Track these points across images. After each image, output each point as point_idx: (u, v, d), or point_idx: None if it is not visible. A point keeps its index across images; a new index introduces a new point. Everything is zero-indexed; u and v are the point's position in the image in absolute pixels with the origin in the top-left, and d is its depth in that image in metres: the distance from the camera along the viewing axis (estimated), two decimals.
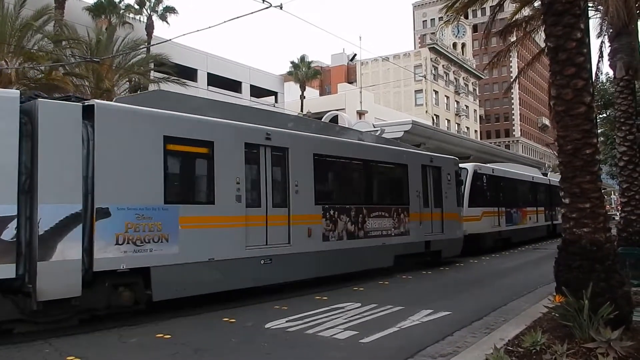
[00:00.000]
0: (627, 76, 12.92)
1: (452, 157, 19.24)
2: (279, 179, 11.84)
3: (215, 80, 39.78)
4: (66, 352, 7.00)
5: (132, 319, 8.88)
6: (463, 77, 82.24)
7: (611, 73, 14.71)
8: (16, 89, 12.89)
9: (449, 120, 75.50)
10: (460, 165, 19.97)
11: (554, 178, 33.10)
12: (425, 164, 16.69)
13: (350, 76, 73.10)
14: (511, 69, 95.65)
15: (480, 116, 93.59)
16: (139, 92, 26.76)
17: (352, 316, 9.11)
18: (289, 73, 51.01)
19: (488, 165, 23.97)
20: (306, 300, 10.84)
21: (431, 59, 72.85)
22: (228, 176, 10.49)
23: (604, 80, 26.40)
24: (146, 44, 29.10)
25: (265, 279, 11.17)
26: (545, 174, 33.68)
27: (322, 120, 18.64)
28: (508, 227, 23.70)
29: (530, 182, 29.02)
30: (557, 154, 7.46)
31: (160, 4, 34.75)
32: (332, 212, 12.77)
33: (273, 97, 46.63)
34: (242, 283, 10.73)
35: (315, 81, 57.03)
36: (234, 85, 41.98)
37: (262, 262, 10.94)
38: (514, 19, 16.84)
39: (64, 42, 23.64)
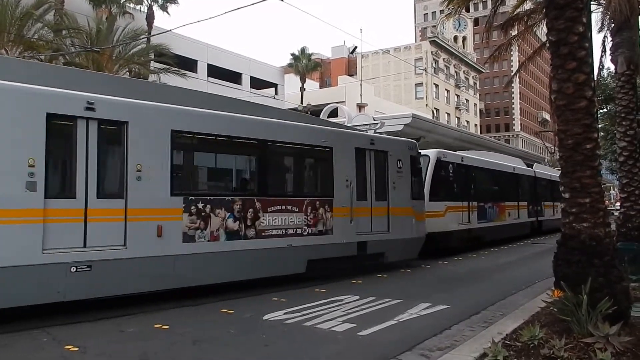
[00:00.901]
0: (629, 71, 12.89)
1: (407, 139, 16.26)
2: (111, 161, 9.31)
3: (215, 72, 39.71)
4: (64, 340, 7.01)
5: (131, 308, 8.88)
6: (464, 71, 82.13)
7: (612, 68, 14.64)
8: None
9: (449, 114, 75.47)
10: (421, 151, 17.28)
11: (541, 170, 31.40)
12: (362, 147, 13.63)
13: (350, 69, 72.93)
14: (512, 63, 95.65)
15: (480, 110, 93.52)
16: None
17: (350, 309, 9.12)
18: (290, 65, 50.93)
19: (458, 152, 20.84)
20: (305, 292, 10.84)
21: (432, 52, 72.72)
22: (11, 157, 7.98)
23: (605, 75, 26.33)
24: (146, 34, 29.00)
25: (78, 292, 8.50)
26: (530, 165, 30.67)
27: (322, 112, 18.25)
28: (481, 224, 20.86)
29: (510, 174, 25.94)
30: (557, 148, 7.44)
31: None
32: (201, 205, 10.10)
33: (273, 89, 46.53)
34: (32, 298, 8.10)
35: (315, 73, 56.96)
36: (234, 77, 41.92)
37: (74, 269, 8.34)
38: (515, 13, 16.77)
39: (64, 32, 23.59)
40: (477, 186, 21.20)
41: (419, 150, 16.35)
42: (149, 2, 34.32)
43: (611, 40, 13.38)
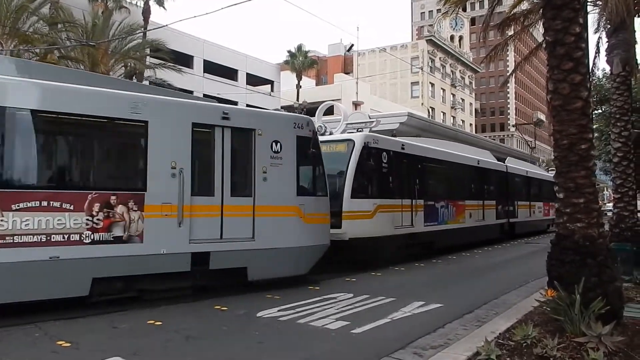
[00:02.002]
0: (624, 72, 12.93)
1: (295, 114, 14.15)
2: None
3: (211, 68, 39.61)
4: (56, 336, 6.98)
5: (124, 305, 8.85)
6: (460, 70, 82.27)
7: (608, 69, 14.69)
8: None
9: (444, 113, 75.59)
10: (344, 134, 14.98)
11: (514, 165, 28.22)
12: (206, 123, 10.27)
13: (347, 67, 72.96)
14: (508, 63, 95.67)
15: (475, 109, 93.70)
16: (134, 77, 26.73)
17: (344, 306, 9.12)
18: (286, 62, 50.88)
19: (399, 138, 17.55)
20: (299, 290, 10.84)
21: (428, 51, 72.77)
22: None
23: (600, 76, 26.42)
24: (142, 29, 28.88)
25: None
26: (502, 160, 27.07)
27: (318, 110, 18.05)
28: (429, 227, 17.23)
29: (473, 168, 22.04)
30: (552, 148, 7.47)
31: None
32: None
33: (269, 85, 46.47)
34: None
35: (311, 71, 56.99)
36: (230, 73, 41.82)
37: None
38: (512, 13, 16.78)
39: (59, 25, 23.46)
40: (424, 181, 17.53)
41: (320, 130, 14.14)
42: None
43: (607, 42, 13.41)
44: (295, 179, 11.31)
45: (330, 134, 15.40)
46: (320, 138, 13.11)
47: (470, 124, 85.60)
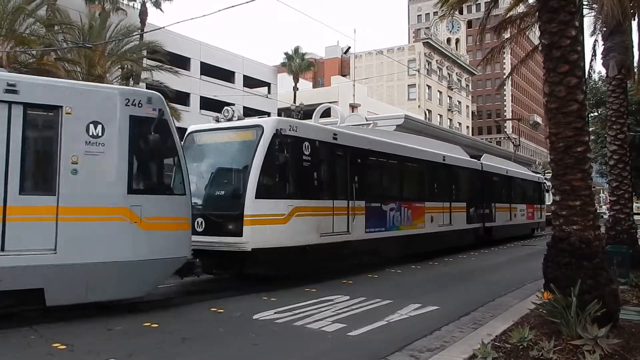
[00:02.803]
0: (620, 75, 12.96)
1: (118, 87, 12.47)
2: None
3: (208, 70, 39.61)
4: (51, 339, 6.95)
5: (119, 307, 8.82)
6: (456, 73, 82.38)
7: (604, 72, 14.72)
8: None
9: (441, 116, 75.67)
10: (252, 119, 12.45)
11: (492, 163, 25.00)
12: None
13: (343, 69, 72.97)
14: (504, 66, 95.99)
15: (472, 112, 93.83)
16: (130, 79, 26.69)
17: (340, 309, 9.11)
18: (283, 64, 50.86)
19: (331, 126, 14.95)
20: (295, 292, 10.82)
21: (425, 53, 72.87)
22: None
23: (596, 79, 26.51)
24: (139, 30, 28.85)
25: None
26: (476, 157, 23.79)
27: (315, 112, 17.81)
28: (374, 233, 14.33)
29: (437, 165, 18.89)
30: (548, 151, 7.48)
31: None
32: None
33: (266, 88, 46.48)
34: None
35: (308, 73, 56.92)
36: (227, 75, 41.82)
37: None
38: (508, 16, 16.83)
39: (56, 27, 23.42)
40: (367, 178, 14.54)
41: (226, 114, 12.10)
42: None
43: (603, 44, 13.46)
44: (125, 173, 8.54)
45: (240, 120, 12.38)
46: (222, 125, 11.91)
47: (467, 127, 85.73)
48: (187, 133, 12.64)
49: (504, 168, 26.39)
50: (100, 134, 8.32)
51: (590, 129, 25.11)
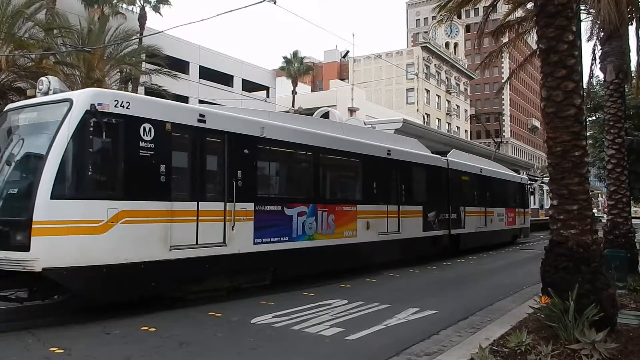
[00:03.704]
0: (617, 79, 12.98)
1: None
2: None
3: (207, 74, 39.61)
4: (49, 342, 6.94)
5: (117, 310, 8.81)
6: (455, 77, 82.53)
7: (602, 76, 14.76)
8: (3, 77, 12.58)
9: (439, 120, 75.77)
10: (62, 94, 9.06)
11: (460, 160, 21.32)
12: None
13: (342, 73, 73.06)
14: (502, 70, 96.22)
15: (470, 116, 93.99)
16: (129, 83, 26.71)
17: (338, 313, 9.10)
18: (281, 68, 50.94)
19: (201, 106, 13.33)
20: (293, 296, 10.82)
21: (423, 57, 73.00)
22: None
23: (595, 83, 26.56)
24: (138, 34, 28.88)
25: None
26: (441, 153, 20.27)
27: (313, 116, 16.91)
28: (269, 244, 11.38)
29: (376, 160, 15.38)
30: (546, 155, 7.50)
31: None
32: None
33: (265, 92, 46.51)
34: None
35: (307, 77, 57.03)
36: (225, 79, 41.82)
37: None
38: (506, 20, 16.87)
39: (55, 31, 23.40)
40: (257, 174, 11.64)
41: (40, 87, 9.37)
42: (142, 2, 34.19)
43: (600, 49, 13.49)
44: None
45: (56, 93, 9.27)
46: (30, 101, 9.51)
47: (466, 130, 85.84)
48: (3, 111, 10.11)
49: (477, 167, 22.86)
50: None
51: (588, 133, 25.15)
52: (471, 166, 22.25)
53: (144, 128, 9.09)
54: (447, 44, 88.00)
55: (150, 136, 9.16)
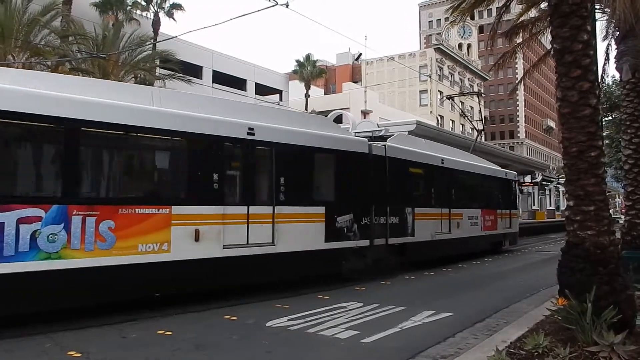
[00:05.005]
0: (634, 79, 12.83)
1: None
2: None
3: (220, 78, 39.82)
4: (67, 346, 7.00)
5: (134, 314, 8.88)
6: (468, 78, 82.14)
7: (617, 76, 14.59)
8: None
9: (453, 121, 75.41)
10: None
11: (410, 148, 16.50)
12: None
13: (355, 75, 73.12)
14: (516, 71, 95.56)
15: (485, 117, 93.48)
16: None
17: (353, 316, 9.09)
18: (294, 71, 51.07)
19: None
20: (308, 299, 10.82)
21: (436, 59, 72.77)
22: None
23: (610, 83, 26.30)
24: (152, 40, 29.14)
25: None
26: (373, 137, 15.81)
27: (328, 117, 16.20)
28: None
29: (203, 140, 10.31)
30: (561, 156, 7.44)
31: (167, 1, 34.70)
32: None
33: (278, 95, 46.66)
34: None
35: (320, 80, 57.07)
36: (239, 83, 42.02)
37: None
38: (520, 20, 16.76)
39: (70, 38, 23.74)
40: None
41: None
42: (155, 8, 34.49)
43: (616, 48, 13.35)
44: None
45: None
46: None
47: None
48: None
49: (436, 156, 17.81)
50: None
51: (605, 134, 24.88)
52: (427, 155, 17.23)
53: None
54: (460, 45, 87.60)
55: None
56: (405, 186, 16.09)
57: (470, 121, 33.48)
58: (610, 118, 28.15)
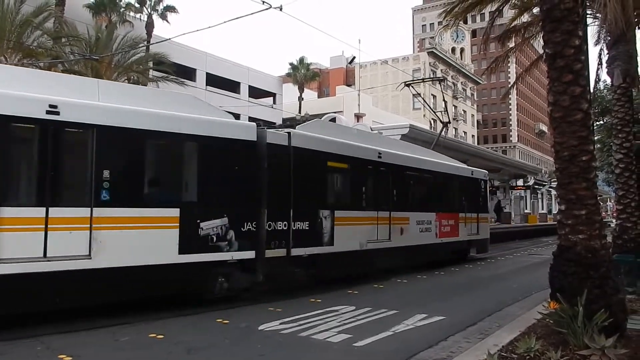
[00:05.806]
0: (625, 84, 12.94)
1: None
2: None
3: (213, 80, 39.77)
4: (58, 350, 6.96)
5: (126, 317, 8.84)
6: (461, 82, 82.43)
7: (609, 80, 14.70)
8: None
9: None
10: None
11: (323, 135, 13.18)
12: None
13: (348, 79, 73.18)
14: (509, 75, 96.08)
15: (477, 121, 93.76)
16: None
17: (346, 319, 9.09)
18: (288, 74, 51.08)
19: None
20: (300, 302, 10.81)
21: (430, 63, 72.98)
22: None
23: (602, 88, 26.43)
24: (146, 42, 29.09)
25: None
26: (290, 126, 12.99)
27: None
28: None
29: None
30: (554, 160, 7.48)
31: (161, 3, 34.66)
32: None
33: (271, 98, 46.66)
34: None
35: (313, 83, 57.17)
36: (232, 86, 41.98)
37: None
38: (512, 25, 16.87)
39: (63, 39, 23.65)
40: None
41: None
42: (149, 10, 34.44)
43: (607, 53, 13.45)
44: None
45: None
46: None
47: (473, 136, 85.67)
48: None
49: (370, 149, 14.78)
50: None
51: (596, 138, 24.92)
52: (356, 147, 14.18)
53: None
54: (453, 49, 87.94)
55: None
56: (321, 184, 13.11)
57: (434, 112, 28.51)
58: (601, 122, 28.29)
